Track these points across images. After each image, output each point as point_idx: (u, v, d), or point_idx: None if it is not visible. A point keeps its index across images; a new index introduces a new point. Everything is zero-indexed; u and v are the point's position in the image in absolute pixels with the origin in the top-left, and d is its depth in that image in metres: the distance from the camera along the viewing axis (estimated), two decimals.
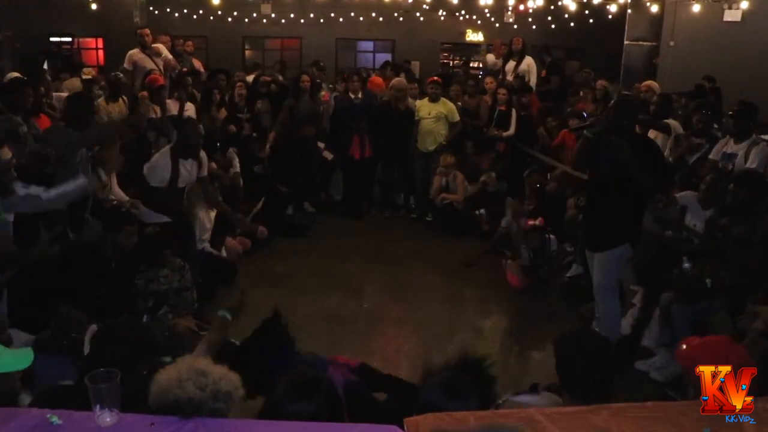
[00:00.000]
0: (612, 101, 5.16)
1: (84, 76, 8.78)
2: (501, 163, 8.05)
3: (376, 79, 9.42)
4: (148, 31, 8.73)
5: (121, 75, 7.92)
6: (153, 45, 8.63)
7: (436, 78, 8.42)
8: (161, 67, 8.43)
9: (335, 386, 2.44)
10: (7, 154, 3.92)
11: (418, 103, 8.09)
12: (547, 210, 6.76)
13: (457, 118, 8.01)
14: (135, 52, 8.50)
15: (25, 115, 5.30)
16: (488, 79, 9.28)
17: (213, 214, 6.18)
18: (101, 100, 7.50)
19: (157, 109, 7.21)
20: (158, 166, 5.22)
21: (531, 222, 6.46)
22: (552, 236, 6.39)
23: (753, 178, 4.88)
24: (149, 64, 8.36)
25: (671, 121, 6.49)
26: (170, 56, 8.75)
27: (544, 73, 10.28)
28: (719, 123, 6.37)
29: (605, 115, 4.88)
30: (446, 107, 7.98)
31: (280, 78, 9.41)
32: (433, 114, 7.92)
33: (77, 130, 4.95)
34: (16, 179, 3.80)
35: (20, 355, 2.22)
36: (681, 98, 7.55)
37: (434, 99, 7.97)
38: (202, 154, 5.53)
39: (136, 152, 6.09)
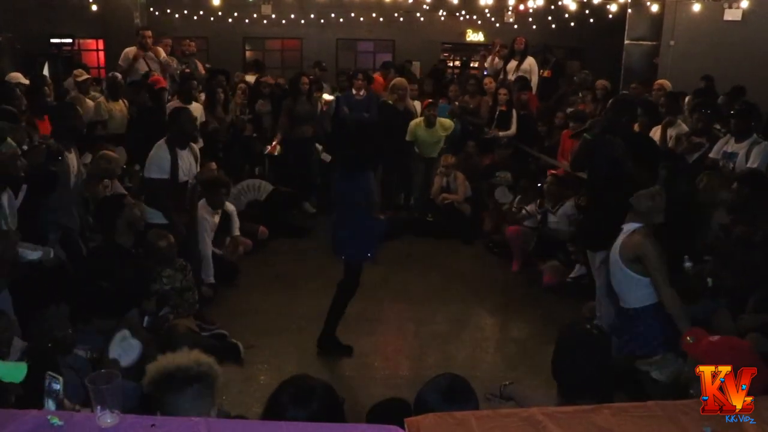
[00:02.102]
0: (610, 101, 5.16)
1: (77, 79, 8.76)
2: (509, 160, 8.08)
3: (378, 78, 9.40)
4: (150, 33, 8.70)
5: (119, 75, 7.91)
6: (151, 48, 8.62)
7: (430, 101, 8.27)
8: (157, 70, 8.43)
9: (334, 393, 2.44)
10: (12, 144, 3.95)
11: (413, 124, 7.87)
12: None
13: (452, 127, 8.01)
14: (132, 50, 8.50)
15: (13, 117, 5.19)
16: (487, 80, 9.28)
17: (218, 216, 6.19)
18: (101, 99, 7.53)
19: None
20: (156, 157, 5.09)
21: (552, 171, 6.80)
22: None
23: (756, 178, 4.88)
24: (143, 66, 8.37)
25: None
26: (167, 58, 8.73)
27: (548, 73, 10.22)
28: (722, 122, 6.35)
29: (603, 114, 4.89)
30: (444, 127, 7.90)
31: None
32: (435, 139, 7.89)
33: (68, 140, 4.87)
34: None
35: (14, 368, 2.22)
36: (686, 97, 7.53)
37: (431, 124, 7.82)
38: (196, 150, 5.38)
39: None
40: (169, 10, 16.01)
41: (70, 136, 4.89)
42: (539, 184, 7.30)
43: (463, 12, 17.05)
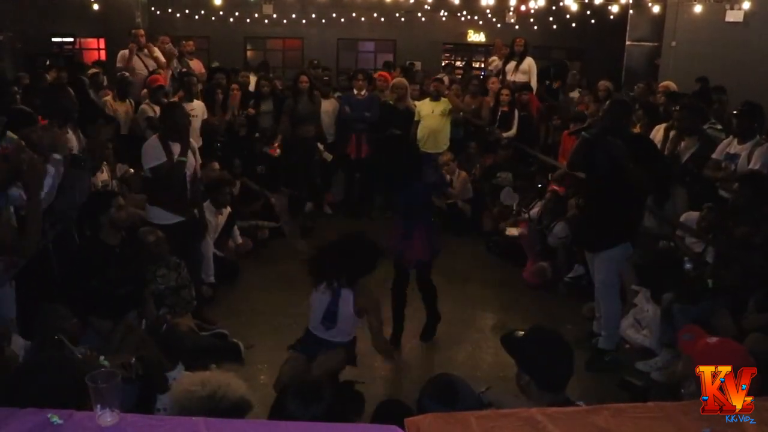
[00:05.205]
0: (607, 102, 5.15)
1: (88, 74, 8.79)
2: (510, 161, 8.09)
3: (384, 74, 9.38)
4: (142, 32, 8.75)
5: (127, 75, 7.94)
6: (146, 46, 8.64)
7: (436, 77, 8.44)
8: (153, 68, 8.44)
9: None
10: (14, 137, 3.93)
11: (418, 104, 8.06)
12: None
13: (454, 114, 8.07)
14: (125, 52, 8.52)
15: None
16: (492, 79, 9.31)
17: (222, 218, 6.20)
18: (109, 98, 7.55)
19: (157, 108, 7.22)
20: (149, 147, 5.02)
21: (553, 186, 6.77)
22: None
23: (758, 180, 4.87)
24: (139, 65, 8.38)
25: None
26: (161, 57, 8.74)
27: (558, 83, 10.17)
28: (711, 121, 6.33)
29: (601, 115, 4.89)
30: (449, 104, 8.01)
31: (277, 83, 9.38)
32: (438, 111, 7.91)
33: (62, 120, 4.83)
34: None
35: None
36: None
37: (436, 98, 7.96)
38: (194, 146, 5.28)
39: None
40: (170, 10, 16.05)
41: (63, 115, 4.87)
42: (539, 185, 7.32)
43: (465, 12, 17.08)
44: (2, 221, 3.50)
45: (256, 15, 16.62)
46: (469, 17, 17.63)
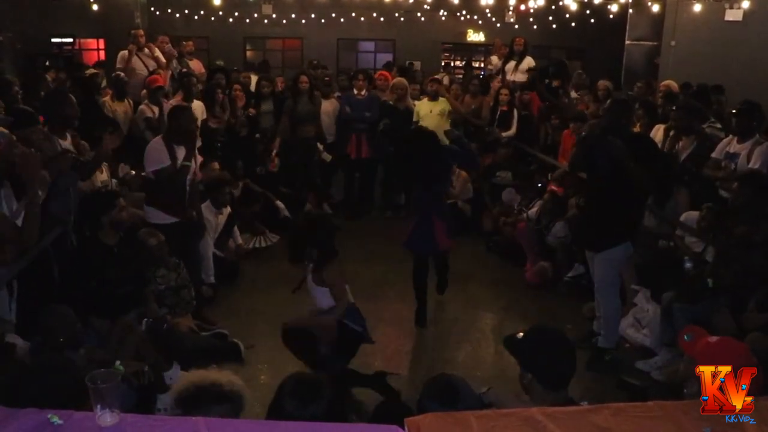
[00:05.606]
0: (607, 102, 5.15)
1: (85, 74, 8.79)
2: (510, 160, 8.10)
3: (384, 73, 9.38)
4: (142, 32, 8.75)
5: (122, 75, 7.93)
6: (146, 46, 8.64)
7: (436, 77, 8.46)
8: (153, 68, 8.45)
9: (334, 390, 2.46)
10: (5, 132, 3.93)
11: (417, 104, 8.07)
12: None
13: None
14: (126, 53, 8.53)
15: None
16: (498, 79, 9.32)
17: (222, 217, 6.20)
18: (107, 99, 7.54)
19: (156, 109, 7.22)
20: (153, 149, 5.00)
21: (552, 187, 6.76)
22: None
23: (758, 179, 4.87)
24: (139, 66, 8.38)
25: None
26: (162, 57, 8.74)
27: (558, 82, 10.16)
28: (711, 120, 6.33)
29: (601, 115, 4.89)
30: (448, 104, 8.02)
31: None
32: (436, 111, 7.91)
33: (61, 128, 4.79)
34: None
35: None
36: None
37: (434, 97, 7.97)
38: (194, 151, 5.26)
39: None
40: (170, 10, 16.06)
41: (63, 124, 4.81)
42: (539, 184, 7.32)
43: (464, 12, 17.10)
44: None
45: (256, 15, 16.63)
46: (468, 17, 17.64)
